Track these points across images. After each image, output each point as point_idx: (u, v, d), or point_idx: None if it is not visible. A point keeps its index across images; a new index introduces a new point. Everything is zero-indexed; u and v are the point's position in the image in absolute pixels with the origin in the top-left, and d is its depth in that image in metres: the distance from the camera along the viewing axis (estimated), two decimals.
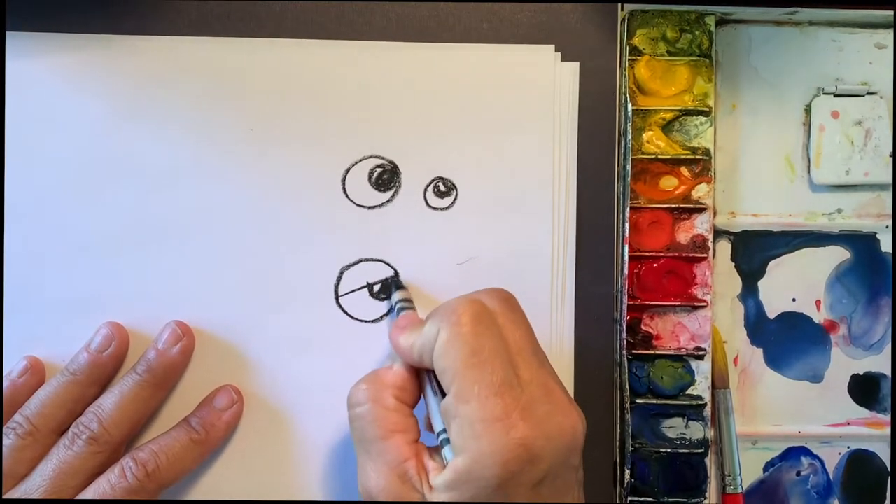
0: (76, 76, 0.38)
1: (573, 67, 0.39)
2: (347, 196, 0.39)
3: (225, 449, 0.38)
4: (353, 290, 0.39)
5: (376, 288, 0.39)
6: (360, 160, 0.39)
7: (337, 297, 0.39)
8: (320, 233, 0.39)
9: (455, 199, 0.39)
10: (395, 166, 0.39)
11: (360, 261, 0.39)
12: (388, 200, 0.39)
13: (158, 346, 0.37)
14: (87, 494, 0.34)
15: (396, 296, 0.38)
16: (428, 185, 0.39)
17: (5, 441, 0.35)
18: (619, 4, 0.40)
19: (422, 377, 0.33)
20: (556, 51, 0.39)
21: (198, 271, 0.38)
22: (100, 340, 0.37)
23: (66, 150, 0.38)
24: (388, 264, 0.39)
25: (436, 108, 0.39)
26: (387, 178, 0.39)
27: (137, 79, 0.38)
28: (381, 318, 0.39)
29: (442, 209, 0.39)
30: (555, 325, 0.39)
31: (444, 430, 0.31)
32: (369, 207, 0.39)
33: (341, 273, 0.39)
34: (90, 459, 0.35)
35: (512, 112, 0.39)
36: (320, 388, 0.38)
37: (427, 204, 0.39)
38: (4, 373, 0.37)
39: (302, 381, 0.38)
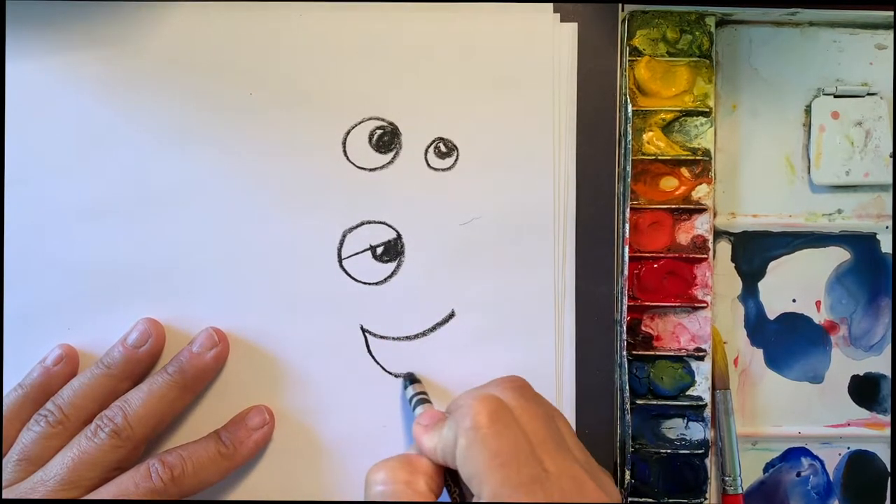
0: (72, 46, 0.38)
1: (572, 28, 0.39)
2: (348, 158, 0.39)
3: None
4: (357, 253, 0.39)
5: (379, 250, 0.39)
6: (361, 122, 0.39)
7: (340, 260, 0.39)
8: (322, 196, 0.39)
9: (456, 160, 0.39)
10: (396, 128, 0.39)
11: (362, 223, 0.39)
12: (390, 162, 0.39)
13: (192, 349, 0.37)
14: (109, 490, 0.34)
15: (410, 390, 0.37)
16: (429, 146, 0.39)
17: (35, 427, 0.35)
18: (619, 5, 0.40)
19: (447, 474, 0.32)
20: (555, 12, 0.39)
21: (198, 237, 0.38)
22: (136, 336, 0.37)
23: (65, 120, 0.38)
24: (391, 226, 0.39)
25: (435, 69, 0.39)
26: (387, 139, 0.39)
27: (134, 46, 0.38)
28: (385, 280, 0.39)
29: (443, 170, 0.39)
30: (558, 313, 0.39)
31: None
32: (370, 169, 0.39)
33: (344, 236, 0.39)
34: (110, 453, 0.35)
35: (512, 72, 0.39)
36: (323, 347, 0.39)
37: (428, 165, 0.39)
38: (39, 360, 0.37)
39: (305, 342, 0.39)
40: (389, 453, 0.38)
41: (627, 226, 0.39)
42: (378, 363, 0.39)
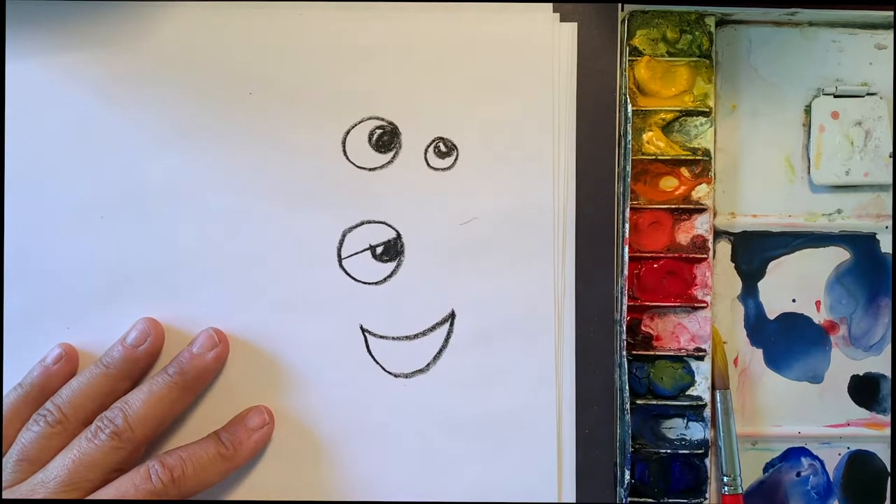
0: (72, 46, 0.38)
1: (571, 27, 0.39)
2: (348, 158, 0.39)
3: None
4: (356, 253, 0.39)
5: (379, 250, 0.39)
6: (360, 122, 0.39)
7: (340, 260, 0.39)
8: (321, 195, 0.39)
9: (456, 160, 0.39)
10: (395, 127, 0.39)
11: (361, 223, 0.39)
12: (389, 162, 0.39)
13: (193, 350, 0.37)
14: (109, 492, 0.34)
15: None
16: (428, 146, 0.39)
17: (35, 427, 0.35)
18: (619, 5, 0.40)
19: None
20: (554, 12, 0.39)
21: (198, 236, 0.38)
22: (135, 335, 0.37)
23: (65, 120, 0.38)
24: (391, 226, 0.39)
25: (435, 68, 0.39)
26: (387, 139, 0.39)
27: (134, 45, 0.38)
28: (385, 279, 0.39)
29: (443, 169, 0.39)
30: (557, 309, 0.39)
31: None
32: (370, 169, 0.39)
33: (343, 236, 0.39)
34: (111, 454, 0.35)
35: (511, 71, 0.39)
36: (322, 347, 0.39)
37: (428, 164, 0.39)
38: (39, 359, 0.37)
39: (305, 342, 0.39)
40: (389, 453, 0.38)
41: (627, 225, 0.39)
42: (378, 363, 0.39)
